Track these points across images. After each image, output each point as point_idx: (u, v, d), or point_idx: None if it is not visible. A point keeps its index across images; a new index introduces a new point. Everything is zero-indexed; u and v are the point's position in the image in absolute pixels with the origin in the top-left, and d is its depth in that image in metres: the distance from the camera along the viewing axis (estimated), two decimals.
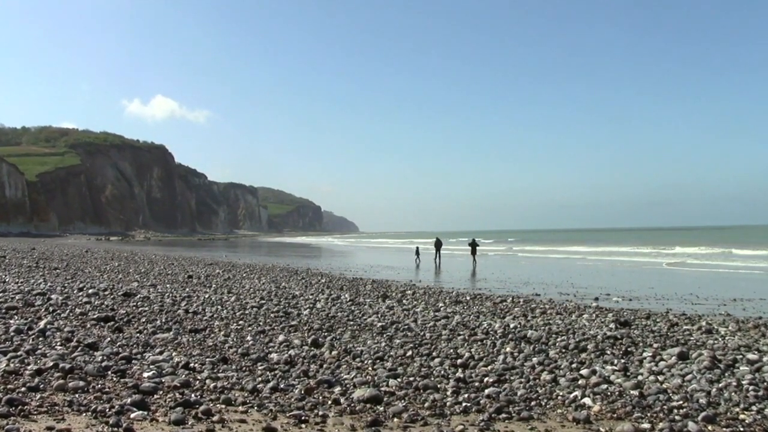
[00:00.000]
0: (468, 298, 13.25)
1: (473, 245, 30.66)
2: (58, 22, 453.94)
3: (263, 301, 11.19)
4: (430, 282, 18.93)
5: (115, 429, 4.05)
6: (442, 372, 6.15)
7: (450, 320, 9.50)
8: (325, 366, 6.28)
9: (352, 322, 9.09)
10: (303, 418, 4.57)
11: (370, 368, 6.25)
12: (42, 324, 7.55)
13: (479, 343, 7.67)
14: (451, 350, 7.14)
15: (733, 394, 5.32)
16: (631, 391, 5.41)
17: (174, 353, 6.53)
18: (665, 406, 4.99)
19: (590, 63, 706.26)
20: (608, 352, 7.07)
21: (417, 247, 35.68)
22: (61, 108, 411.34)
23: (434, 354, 6.95)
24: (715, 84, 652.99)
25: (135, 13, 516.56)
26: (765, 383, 5.57)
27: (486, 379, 5.84)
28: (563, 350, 7.20)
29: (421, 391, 5.44)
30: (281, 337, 7.60)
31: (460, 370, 6.26)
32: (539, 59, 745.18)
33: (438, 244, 31.79)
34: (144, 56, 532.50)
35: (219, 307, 10.29)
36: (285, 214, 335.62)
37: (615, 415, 4.83)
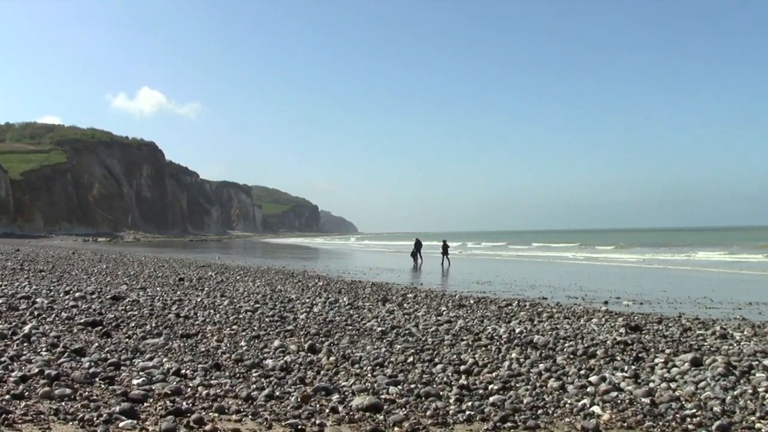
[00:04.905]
0: (472, 301, 13.25)
1: (444, 246, 32.39)
2: (37, 11, 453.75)
3: (258, 305, 11.19)
4: (432, 285, 18.94)
5: None
6: (445, 379, 6.15)
7: (453, 325, 9.50)
8: (322, 373, 6.28)
9: (350, 327, 9.10)
10: (299, 427, 4.57)
11: (369, 375, 6.25)
12: (26, 329, 7.55)
13: (483, 348, 7.68)
14: (454, 356, 7.15)
15: (748, 402, 5.32)
16: (642, 399, 5.41)
17: (165, 359, 6.53)
18: (678, 415, 4.99)
19: (600, 57, 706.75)
20: (618, 358, 7.08)
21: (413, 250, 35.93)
22: (43, 103, 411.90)
23: (436, 360, 6.95)
24: (730, 79, 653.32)
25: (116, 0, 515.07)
26: None
27: (490, 387, 5.85)
28: (571, 356, 7.21)
29: (423, 398, 5.44)
30: (277, 343, 7.61)
31: (463, 376, 6.27)
32: (546, 53, 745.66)
33: (418, 245, 33.10)
34: (127, 46, 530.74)
35: (211, 311, 10.29)
36: (280, 214, 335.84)
37: (625, 424, 4.84)
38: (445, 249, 32.16)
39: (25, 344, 6.87)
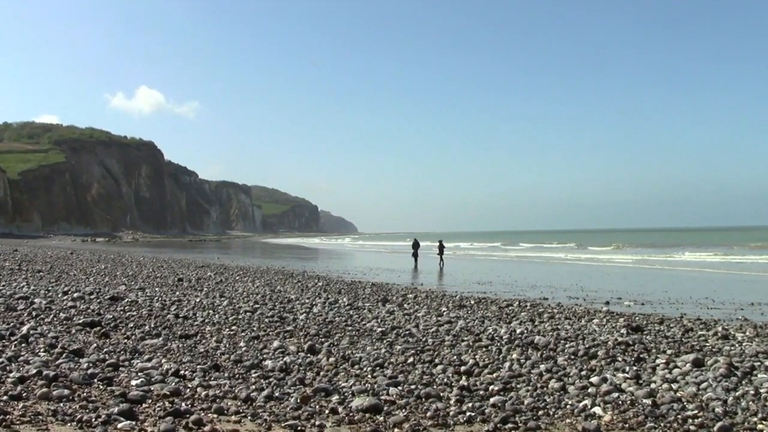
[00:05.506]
0: (472, 302, 13.25)
1: (440, 246, 32.76)
2: (35, 10, 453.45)
3: (257, 306, 11.19)
4: (432, 285, 18.94)
5: None
6: (445, 380, 6.15)
7: (453, 325, 9.50)
8: (322, 373, 6.28)
9: (350, 328, 9.09)
10: (299, 428, 4.57)
11: (369, 376, 6.25)
12: (25, 329, 7.55)
13: (484, 349, 7.67)
14: (455, 357, 7.14)
15: (750, 402, 5.32)
16: (644, 400, 5.41)
17: (163, 360, 6.53)
18: (679, 416, 4.99)
19: (600, 55, 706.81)
20: (619, 359, 7.07)
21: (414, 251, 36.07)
22: (41, 102, 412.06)
23: (437, 361, 6.95)
24: (730, 79, 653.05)
25: None
26: None
27: (491, 387, 5.84)
28: (572, 357, 7.20)
29: (423, 399, 5.44)
30: (276, 343, 7.60)
31: (463, 377, 6.26)
32: (546, 51, 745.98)
33: (416, 245, 33.48)
34: (125, 45, 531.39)
35: (210, 311, 10.29)
36: (280, 214, 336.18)
37: (627, 425, 4.83)
38: (440, 249, 32.60)
39: (23, 345, 6.87)
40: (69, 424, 4.31)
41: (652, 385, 5.96)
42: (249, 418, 4.74)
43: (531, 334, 8.69)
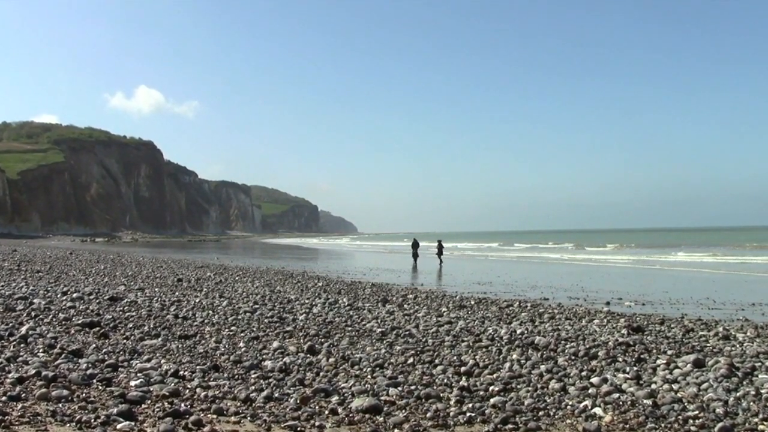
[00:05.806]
0: (472, 302, 13.25)
1: (439, 246, 33.20)
2: (34, 9, 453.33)
3: (257, 306, 11.19)
4: (432, 286, 18.93)
5: None
6: (445, 380, 6.15)
7: (453, 326, 9.49)
8: (321, 374, 6.27)
9: (350, 328, 9.09)
10: (299, 428, 4.57)
11: (369, 376, 6.24)
12: (23, 330, 7.54)
13: (484, 349, 7.67)
14: (455, 357, 7.14)
15: (751, 403, 5.32)
16: (645, 401, 5.40)
17: (163, 360, 6.52)
18: (680, 417, 4.99)
19: (602, 55, 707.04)
20: (620, 360, 7.07)
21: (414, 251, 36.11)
22: (40, 101, 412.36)
23: (437, 361, 6.95)
24: (732, 77, 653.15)
25: None
26: None
27: (491, 388, 5.84)
28: (573, 357, 7.20)
29: (423, 400, 5.44)
30: (276, 344, 7.60)
31: (463, 378, 6.26)
32: (546, 51, 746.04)
33: (415, 245, 33.68)
34: (125, 44, 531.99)
35: (210, 312, 10.28)
36: (279, 214, 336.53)
37: (627, 426, 4.83)
38: (440, 249, 32.67)
39: (22, 345, 6.86)
40: (68, 425, 4.31)
41: (653, 386, 5.95)
42: (248, 418, 4.74)
43: (531, 334, 8.69)
